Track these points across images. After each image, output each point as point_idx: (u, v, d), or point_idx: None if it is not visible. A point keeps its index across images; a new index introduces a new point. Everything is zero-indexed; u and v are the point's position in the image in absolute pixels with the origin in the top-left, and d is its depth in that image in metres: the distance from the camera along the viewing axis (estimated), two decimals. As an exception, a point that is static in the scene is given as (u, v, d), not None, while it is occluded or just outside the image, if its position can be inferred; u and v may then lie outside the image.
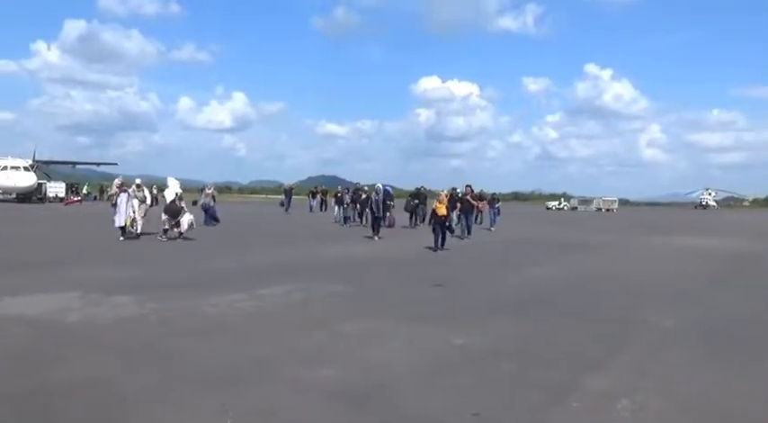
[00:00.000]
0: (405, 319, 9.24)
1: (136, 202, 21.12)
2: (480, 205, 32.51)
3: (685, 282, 14.45)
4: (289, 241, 21.58)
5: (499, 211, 32.99)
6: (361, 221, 29.88)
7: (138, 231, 21.02)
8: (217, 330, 8.19)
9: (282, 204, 47.14)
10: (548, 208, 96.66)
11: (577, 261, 17.84)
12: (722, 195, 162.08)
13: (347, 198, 33.26)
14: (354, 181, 37.04)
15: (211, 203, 28.79)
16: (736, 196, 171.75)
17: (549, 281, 13.57)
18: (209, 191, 29.35)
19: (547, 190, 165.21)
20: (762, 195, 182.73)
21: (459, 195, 26.23)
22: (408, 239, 22.98)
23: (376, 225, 23.59)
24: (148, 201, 21.72)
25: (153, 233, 21.30)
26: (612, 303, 11.29)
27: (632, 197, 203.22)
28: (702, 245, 26.95)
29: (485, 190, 35.42)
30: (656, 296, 12.29)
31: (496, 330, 8.78)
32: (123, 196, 20.90)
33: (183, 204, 21.45)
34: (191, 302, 9.88)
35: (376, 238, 22.69)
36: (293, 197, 48.63)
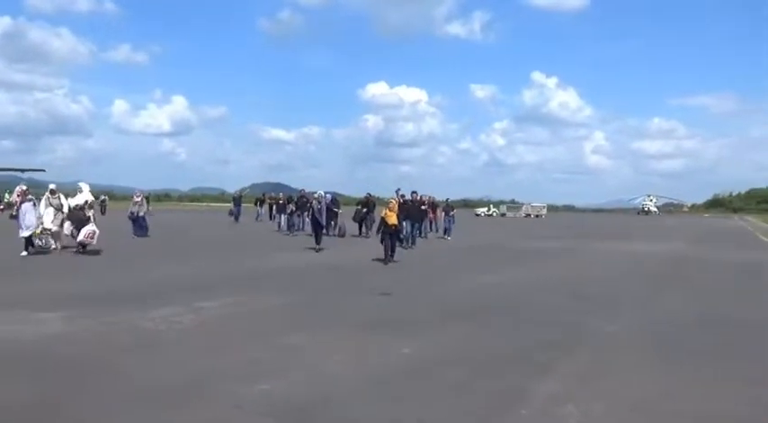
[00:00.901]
0: (350, 330, 9.05)
1: (51, 210, 19.00)
2: (434, 214, 32.00)
3: (631, 285, 14.61)
4: (231, 251, 20.89)
5: (454, 218, 32.47)
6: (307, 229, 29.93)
7: (53, 245, 18.82)
8: (153, 346, 7.86)
9: (231, 213, 43.81)
10: (476, 214, 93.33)
11: (529, 267, 17.85)
12: (663, 201, 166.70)
13: (291, 206, 32.06)
14: (300, 187, 35.52)
15: (140, 213, 27.17)
16: (675, 202, 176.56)
17: (499, 287, 13.54)
18: (138, 199, 27.52)
19: (496, 196, 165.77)
20: (700, 201, 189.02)
21: (405, 200, 24.98)
22: (357, 249, 22.46)
23: (318, 235, 21.80)
24: (65, 208, 19.35)
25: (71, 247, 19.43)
26: (561, 308, 11.29)
27: (579, 203, 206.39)
28: (644, 250, 27.45)
29: (435, 197, 34.86)
30: (603, 300, 12.37)
31: (445, 338, 8.65)
32: (27, 205, 18.68)
33: (91, 213, 19.32)
34: (124, 317, 9.50)
35: (317, 248, 20.97)
36: (242, 205, 45.52)
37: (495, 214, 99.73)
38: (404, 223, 21.46)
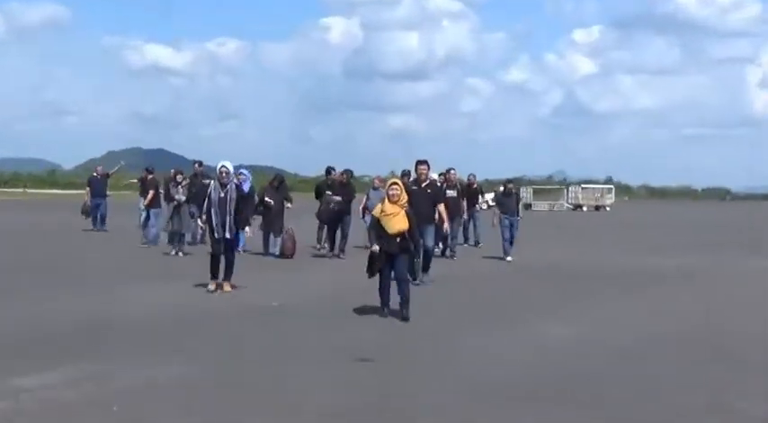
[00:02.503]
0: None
1: None
2: (467, 207, 18.19)
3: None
4: (88, 283, 11.81)
5: (516, 223, 16.50)
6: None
7: None
8: None
9: (86, 212, 22.65)
10: (526, 207, 44.93)
11: (630, 307, 10.70)
12: None
13: (179, 191, 16.41)
14: (197, 157, 19.14)
15: None
16: None
17: (580, 347, 7.89)
18: None
19: (575, 174, 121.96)
20: None
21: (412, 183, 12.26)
22: (320, 277, 13.36)
23: (217, 252, 10.81)
24: None
25: None
26: (697, 404, 5.89)
27: (734, 184, 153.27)
28: None
29: (467, 177, 20.02)
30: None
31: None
32: None
33: None
34: None
35: (216, 287, 10.74)
36: (107, 195, 23.09)
37: (565, 207, 63.04)
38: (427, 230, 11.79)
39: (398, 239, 8.92)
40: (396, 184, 9.20)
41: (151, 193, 18.59)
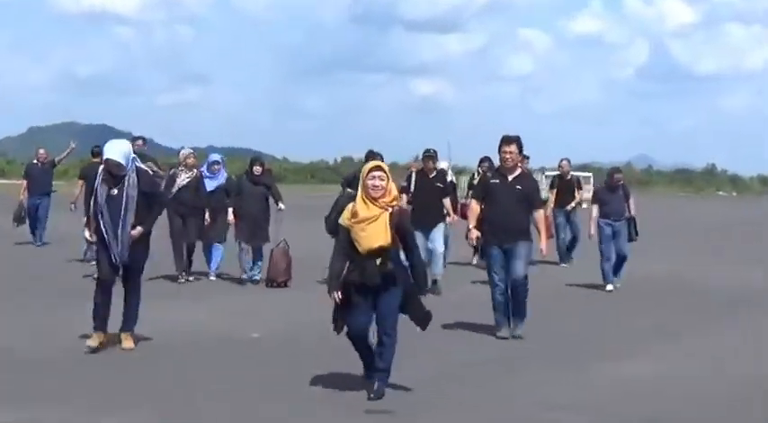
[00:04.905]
0: None
1: None
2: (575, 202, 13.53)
3: None
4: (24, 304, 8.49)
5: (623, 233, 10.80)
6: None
7: None
8: None
9: (19, 218, 14.52)
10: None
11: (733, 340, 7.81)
12: None
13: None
14: (149, 135, 13.61)
15: None
16: None
17: (660, 384, 5.69)
18: None
19: (664, 160, 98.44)
20: None
21: (483, 174, 10.75)
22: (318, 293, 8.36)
23: (106, 279, 6.63)
24: None
25: None
26: None
27: None
28: None
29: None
30: None
31: None
32: None
33: None
34: None
35: (101, 343, 6.42)
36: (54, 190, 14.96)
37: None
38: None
39: (378, 262, 5.26)
40: (379, 168, 5.34)
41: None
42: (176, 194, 10.12)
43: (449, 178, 11.09)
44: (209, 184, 10.46)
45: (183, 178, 10.34)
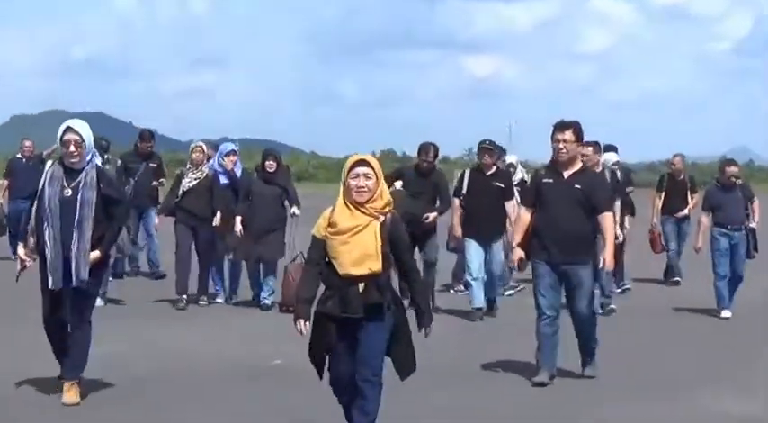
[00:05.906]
0: None
1: None
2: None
3: None
4: None
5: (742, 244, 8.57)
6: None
7: None
8: None
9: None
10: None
11: None
12: None
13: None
14: (155, 127, 10.36)
15: None
16: None
17: None
18: None
19: None
20: None
21: (516, 175, 9.28)
22: None
23: (47, 312, 5.09)
24: None
25: None
26: None
27: None
28: None
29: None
30: None
31: None
32: None
33: None
34: None
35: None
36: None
37: None
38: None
39: (362, 287, 4.05)
40: (365, 164, 4.09)
41: None
42: (181, 201, 8.37)
43: (518, 176, 9.32)
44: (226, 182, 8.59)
45: (188, 179, 8.35)
